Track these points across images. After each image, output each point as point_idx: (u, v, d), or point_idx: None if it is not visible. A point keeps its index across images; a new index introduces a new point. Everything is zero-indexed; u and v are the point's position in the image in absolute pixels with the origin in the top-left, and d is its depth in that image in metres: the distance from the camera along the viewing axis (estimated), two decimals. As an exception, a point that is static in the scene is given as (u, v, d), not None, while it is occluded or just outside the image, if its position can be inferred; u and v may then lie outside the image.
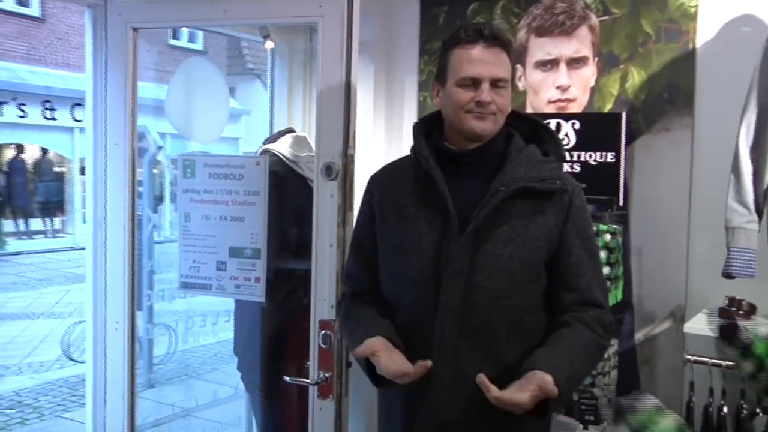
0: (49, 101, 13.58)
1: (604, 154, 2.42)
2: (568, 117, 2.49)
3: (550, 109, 2.63)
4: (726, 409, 2.12)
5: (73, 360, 6.34)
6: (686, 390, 2.22)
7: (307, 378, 2.16)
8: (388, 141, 3.03)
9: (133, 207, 2.34)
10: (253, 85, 14.25)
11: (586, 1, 2.58)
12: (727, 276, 2.12)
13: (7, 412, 5.50)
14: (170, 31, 13.65)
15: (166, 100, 2.67)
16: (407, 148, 1.84)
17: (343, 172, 2.15)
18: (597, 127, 2.45)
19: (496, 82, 1.65)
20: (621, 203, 2.39)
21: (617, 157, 2.39)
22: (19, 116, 13.52)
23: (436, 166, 1.71)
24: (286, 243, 2.60)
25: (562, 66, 2.62)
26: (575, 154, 2.46)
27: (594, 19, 2.57)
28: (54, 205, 15.06)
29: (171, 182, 6.13)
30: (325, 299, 2.17)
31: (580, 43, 2.60)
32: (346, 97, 2.13)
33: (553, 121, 2.47)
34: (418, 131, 1.79)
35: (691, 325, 2.21)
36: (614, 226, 2.26)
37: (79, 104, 12.79)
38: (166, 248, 4.85)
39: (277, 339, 2.65)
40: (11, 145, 14.77)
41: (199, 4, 2.19)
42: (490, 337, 1.65)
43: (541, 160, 1.71)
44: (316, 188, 2.18)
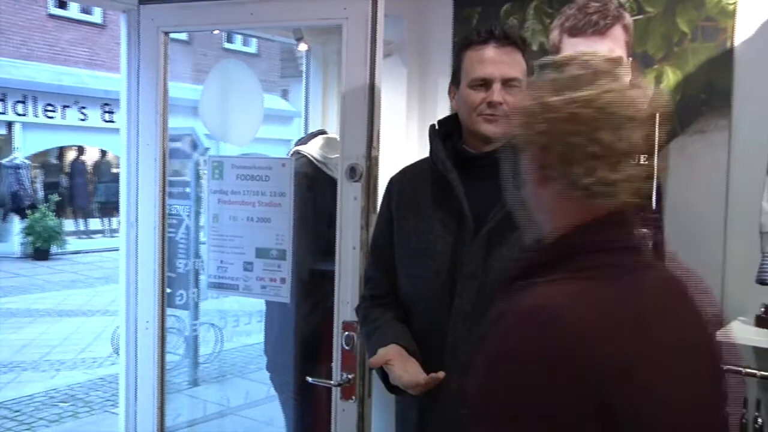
0: (108, 104, 13.97)
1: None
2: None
3: (583, 111, 2.58)
4: (761, 421, 2.05)
5: (122, 356, 6.50)
6: (719, 400, 2.15)
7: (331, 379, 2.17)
8: (422, 144, 3.01)
9: (164, 207, 2.39)
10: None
11: (620, 0, 2.52)
12: (761, 282, 2.04)
13: (61, 405, 5.68)
14: (224, 35, 13.90)
15: (200, 103, 2.72)
16: (438, 151, 1.83)
17: (366, 174, 2.15)
18: (629, 129, 2.39)
19: (509, 82, 1.63)
20: (653, 206, 2.32)
21: (650, 159, 2.32)
22: (80, 119, 13.98)
23: (453, 169, 1.69)
24: (317, 244, 2.61)
25: (596, 66, 2.56)
26: (606, 157, 2.40)
27: (628, 18, 2.50)
28: (112, 206, 15.46)
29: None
30: (348, 301, 2.17)
31: (614, 43, 2.52)
32: (370, 99, 2.13)
33: (584, 123, 2.42)
34: (435, 133, 1.78)
35: (725, 333, 2.13)
36: (643, 230, 2.20)
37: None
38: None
39: (306, 340, 2.67)
40: (73, 147, 15.27)
41: (226, 8, 2.22)
42: None
43: None
44: (339, 190, 2.19)
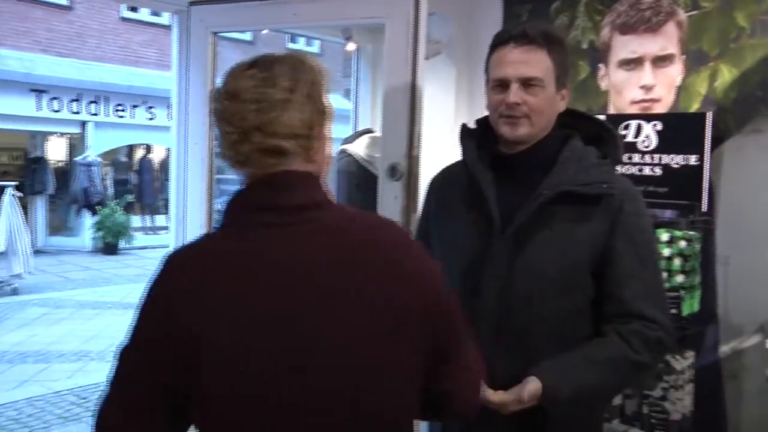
0: (173, 105, 14.32)
1: (687, 156, 2.29)
2: (649, 118, 2.37)
3: (634, 110, 2.52)
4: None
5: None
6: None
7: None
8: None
9: (210, 205, 2.43)
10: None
11: (673, -4, 2.46)
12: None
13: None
14: (288, 36, 14.09)
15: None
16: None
17: (407, 174, 2.15)
18: (680, 128, 2.32)
19: (528, 82, 1.60)
20: (705, 208, 2.25)
21: (701, 159, 2.26)
22: (149, 118, 14.39)
23: (482, 169, 1.68)
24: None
25: (647, 65, 2.50)
26: (656, 157, 2.34)
27: (682, 14, 2.44)
28: (179, 203, 15.95)
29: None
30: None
31: (667, 40, 2.47)
32: (411, 98, 2.13)
33: (634, 123, 2.37)
34: (465, 133, 1.77)
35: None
36: (690, 233, 2.13)
37: (202, 107, 13.44)
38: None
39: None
40: (141, 146, 15.74)
41: (271, 8, 2.25)
42: (527, 343, 1.60)
43: (594, 163, 1.64)
44: (380, 189, 2.19)
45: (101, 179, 13.70)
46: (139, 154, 15.95)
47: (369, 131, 2.80)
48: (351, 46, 3.03)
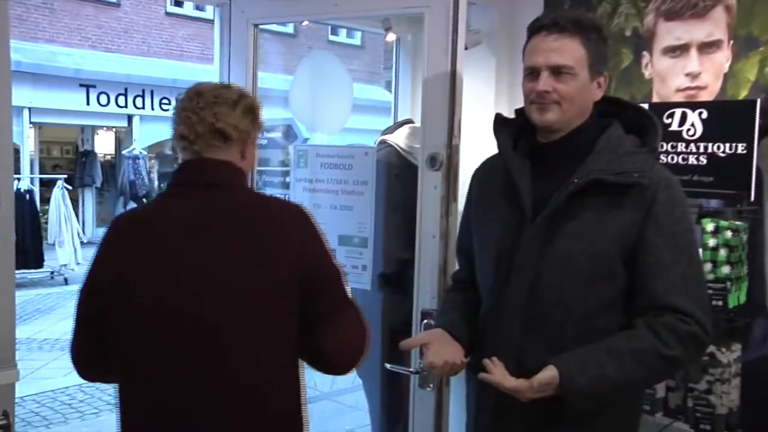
0: (218, 97, 14.48)
1: (734, 145, 2.23)
2: (694, 106, 2.32)
3: (679, 98, 2.46)
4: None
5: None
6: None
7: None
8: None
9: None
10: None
11: (721, -20, 2.39)
12: None
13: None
14: (329, 27, 14.14)
15: (290, 93, 2.78)
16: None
17: (447, 163, 2.15)
18: (727, 117, 2.26)
19: (558, 69, 1.59)
20: (753, 198, 2.20)
21: (749, 148, 2.20)
22: (193, 112, 14.61)
23: (517, 158, 1.69)
24: (406, 233, 2.63)
25: (693, 51, 2.44)
26: (701, 146, 2.29)
27: (730, -1, 2.38)
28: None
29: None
30: (427, 290, 2.18)
31: (714, 26, 2.41)
32: (451, 88, 2.12)
33: (678, 111, 2.32)
34: (500, 122, 1.77)
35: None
36: (737, 223, 2.08)
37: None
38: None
39: (394, 328, 2.69)
40: (186, 139, 16.00)
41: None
42: (556, 333, 1.60)
43: (629, 151, 1.62)
44: (420, 179, 2.19)
45: (147, 172, 13.95)
46: (184, 147, 16.20)
47: (409, 122, 2.79)
48: (390, 37, 3.03)
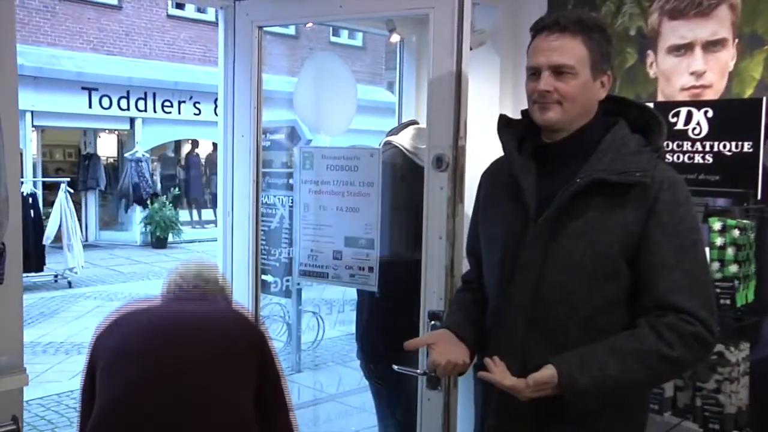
0: (219, 100, 14.51)
1: (740, 143, 2.23)
2: (700, 105, 2.32)
3: (684, 97, 2.46)
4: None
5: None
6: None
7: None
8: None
9: (257, 197, 2.46)
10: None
11: (726, -22, 2.39)
12: None
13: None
14: (330, 29, 14.15)
15: (295, 95, 2.78)
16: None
17: (453, 164, 2.15)
18: (733, 115, 2.26)
19: (558, 69, 1.60)
20: (759, 197, 2.19)
21: (755, 146, 2.20)
22: (195, 114, 14.60)
23: (521, 158, 1.70)
24: (410, 234, 2.63)
25: (698, 50, 2.44)
26: (707, 144, 2.29)
27: (735, -3, 2.37)
28: (225, 198, 16.13)
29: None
30: (434, 291, 2.18)
31: (719, 25, 2.40)
32: (456, 89, 2.12)
33: (684, 110, 2.32)
34: (504, 123, 1.78)
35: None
36: (744, 222, 2.08)
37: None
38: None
39: (400, 329, 2.68)
40: (188, 141, 15.99)
41: (316, 1, 2.27)
42: (560, 332, 1.60)
43: (633, 151, 1.62)
44: (426, 180, 2.19)
45: (150, 174, 13.96)
46: (186, 149, 16.20)
47: (414, 123, 2.79)
48: (395, 38, 3.02)
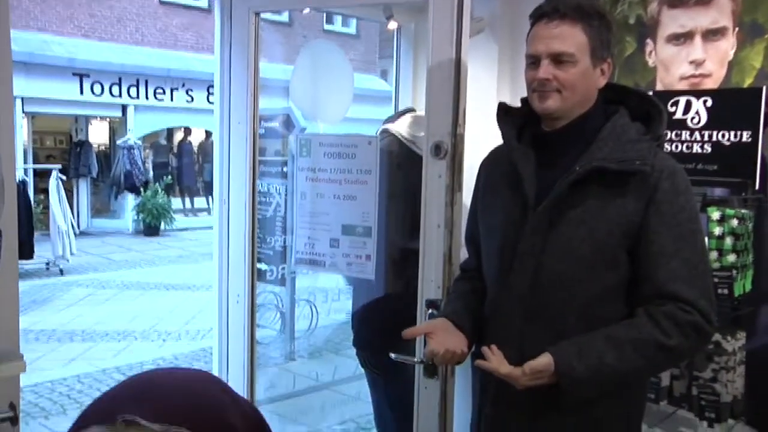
0: (213, 86, 14.43)
1: (738, 133, 2.22)
2: (699, 94, 2.31)
3: (683, 86, 2.45)
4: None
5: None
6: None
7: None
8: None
9: (254, 185, 2.44)
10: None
11: (726, -34, 2.38)
12: None
13: (165, 373, 5.96)
14: (324, 16, 14.08)
15: (291, 83, 2.76)
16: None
17: (452, 152, 2.13)
18: (732, 104, 2.25)
19: (558, 57, 1.58)
20: (758, 186, 2.19)
21: (754, 136, 2.19)
22: (187, 101, 14.54)
23: (521, 147, 1.69)
24: (407, 223, 2.62)
25: (697, 39, 2.43)
26: (705, 134, 2.28)
27: (736, -15, 2.36)
28: (217, 185, 16.06)
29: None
30: (432, 279, 2.17)
31: (719, 13, 2.39)
32: (456, 76, 2.10)
33: (683, 99, 2.31)
34: (503, 111, 1.77)
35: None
36: (743, 211, 2.08)
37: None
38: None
39: (397, 318, 2.68)
40: (180, 129, 15.91)
41: (314, -14, 2.25)
42: (558, 322, 1.61)
43: (632, 139, 1.61)
44: (425, 168, 2.18)
45: (142, 162, 13.90)
46: (179, 137, 16.13)
47: (411, 110, 2.78)
48: (392, 25, 3.00)
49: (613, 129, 1.63)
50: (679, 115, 2.33)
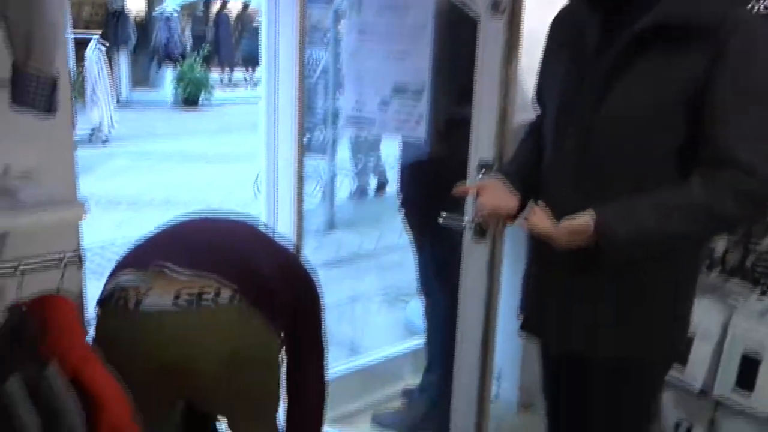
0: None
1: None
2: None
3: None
4: None
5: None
6: None
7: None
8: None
9: (302, 53, 2.36)
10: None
11: None
12: None
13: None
14: None
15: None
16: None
17: (510, 8, 2.03)
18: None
19: None
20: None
21: None
22: (224, -31, 14.12)
23: (584, 8, 1.60)
24: (459, 86, 2.54)
25: None
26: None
27: None
28: (254, 59, 15.83)
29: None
30: (484, 139, 2.13)
31: None
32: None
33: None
34: None
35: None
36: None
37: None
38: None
39: (443, 181, 2.65)
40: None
41: None
42: (606, 184, 1.55)
43: None
44: (482, 24, 2.09)
45: (180, 33, 13.71)
46: (216, 7, 15.80)
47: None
48: None
49: None
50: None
